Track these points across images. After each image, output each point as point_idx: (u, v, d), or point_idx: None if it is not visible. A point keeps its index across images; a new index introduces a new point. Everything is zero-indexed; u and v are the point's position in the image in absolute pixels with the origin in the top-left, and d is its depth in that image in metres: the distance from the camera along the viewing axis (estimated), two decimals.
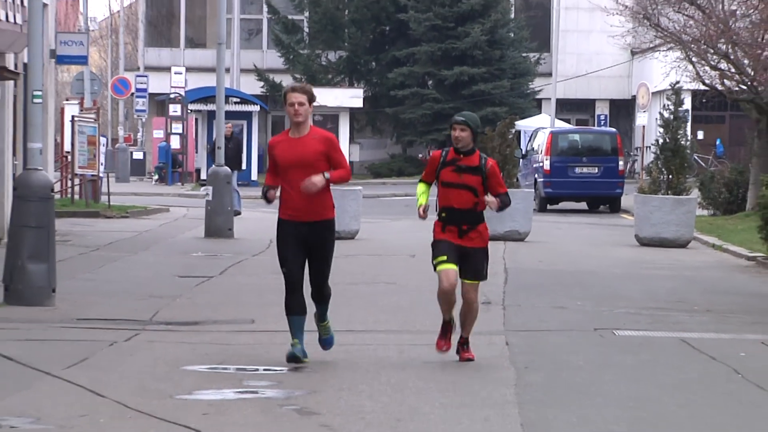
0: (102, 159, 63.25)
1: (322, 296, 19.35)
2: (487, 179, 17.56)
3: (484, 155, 18.00)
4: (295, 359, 19.00)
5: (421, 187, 18.55)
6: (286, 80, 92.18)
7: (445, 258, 17.72)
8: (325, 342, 20.04)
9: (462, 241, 17.83)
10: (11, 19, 37.74)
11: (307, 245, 18.58)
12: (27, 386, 18.38)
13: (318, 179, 17.50)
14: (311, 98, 17.64)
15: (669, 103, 54.29)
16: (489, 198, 17.86)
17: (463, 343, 17.79)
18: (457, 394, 17.91)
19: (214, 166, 53.03)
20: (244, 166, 65.02)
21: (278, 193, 19.03)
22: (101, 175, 63.37)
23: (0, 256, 29.09)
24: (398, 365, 20.80)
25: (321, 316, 19.79)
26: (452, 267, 17.82)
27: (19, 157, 40.51)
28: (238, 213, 52.43)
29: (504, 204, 18.48)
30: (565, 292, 31.15)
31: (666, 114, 53.24)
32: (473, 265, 17.93)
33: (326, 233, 18.71)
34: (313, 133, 18.10)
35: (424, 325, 24.07)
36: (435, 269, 18.53)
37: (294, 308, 19.24)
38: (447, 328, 18.49)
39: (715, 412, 17.78)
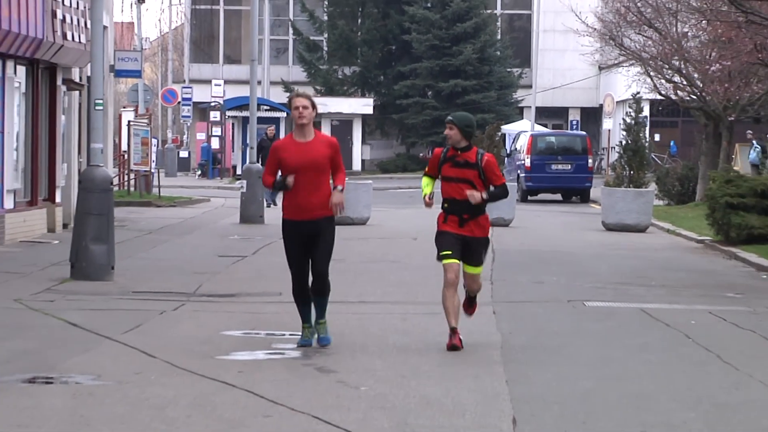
0: (153, 157, 63.71)
1: (321, 288, 18.02)
2: (484, 173, 16.95)
3: (482, 151, 17.44)
4: (305, 346, 18.22)
5: (425, 180, 17.85)
6: (309, 91, 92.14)
7: (449, 252, 17.08)
8: (323, 340, 18.50)
9: (463, 230, 17.06)
10: (76, 39, 37.65)
11: (310, 240, 17.68)
12: (90, 349, 18.39)
13: (340, 196, 17.20)
14: (313, 105, 17.13)
15: (631, 110, 54.50)
16: (470, 192, 17.15)
17: (469, 302, 17.52)
18: (451, 355, 17.93)
19: (247, 163, 53.06)
20: None
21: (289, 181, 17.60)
22: (152, 170, 63.60)
23: (67, 239, 29.31)
24: (402, 331, 20.82)
25: (320, 312, 18.29)
26: (456, 261, 17.20)
27: (83, 155, 40.45)
28: (275, 204, 52.23)
29: (497, 196, 17.77)
30: (543, 270, 31.13)
31: (628, 120, 53.50)
32: (474, 253, 17.18)
33: (327, 228, 17.71)
34: (319, 137, 17.33)
35: (424, 297, 24.09)
36: (439, 260, 17.61)
37: (303, 300, 18.30)
38: (454, 331, 17.45)
39: (669, 370, 17.82)
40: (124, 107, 71.37)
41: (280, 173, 17.51)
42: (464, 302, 17.62)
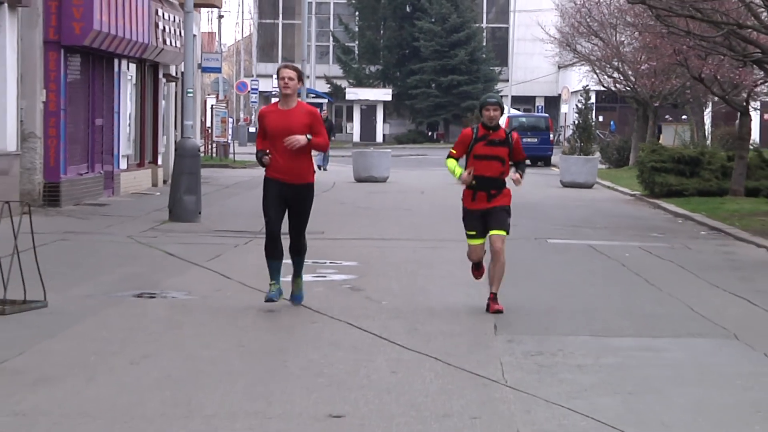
0: (229, 131, 63.59)
1: (298, 248, 15.30)
2: (513, 149, 14.68)
3: (507, 129, 15.06)
4: (271, 301, 15.01)
5: (452, 163, 14.92)
6: (344, 84, 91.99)
7: (474, 233, 14.79)
8: (295, 298, 15.33)
9: (490, 204, 14.66)
10: (173, 44, 37.64)
11: (288, 203, 14.85)
12: (182, 272, 18.37)
13: (301, 137, 14.32)
14: (300, 76, 14.69)
15: (581, 98, 54.51)
16: (515, 178, 14.97)
17: (493, 298, 14.53)
18: (449, 278, 17.88)
19: None
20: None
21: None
22: (229, 141, 63.59)
23: (166, 192, 29.45)
24: (413, 260, 20.76)
25: (297, 271, 15.33)
26: (481, 241, 14.92)
27: (178, 130, 40.45)
28: (324, 169, 52.03)
29: (524, 171, 15.52)
30: (515, 215, 30.89)
31: (579, 105, 53.88)
32: (498, 218, 14.70)
33: (306, 194, 14.94)
34: (301, 107, 14.79)
35: (429, 235, 24.05)
36: (467, 236, 15.16)
37: (272, 253, 15.33)
38: (478, 265, 15.30)
39: (609, 288, 17.79)
40: (208, 95, 71.25)
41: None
42: (489, 299, 14.70)
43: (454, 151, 14.99)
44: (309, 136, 14.45)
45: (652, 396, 10.62)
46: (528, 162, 15.75)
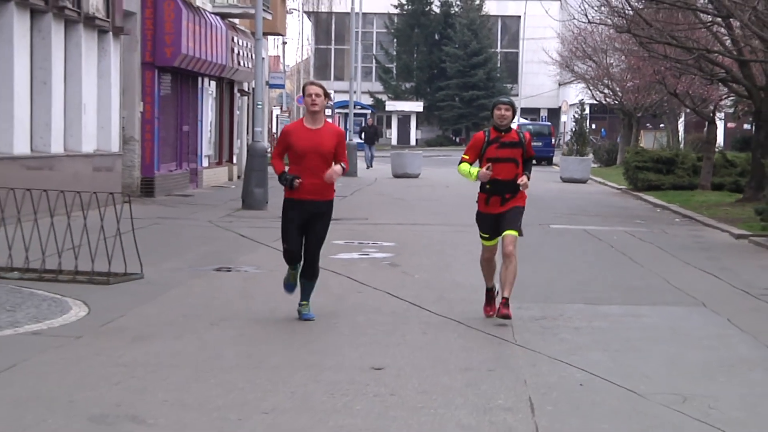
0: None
1: (312, 271, 12.27)
2: (526, 150, 12.13)
3: (519, 130, 12.46)
4: (288, 291, 12.55)
5: (465, 167, 12.38)
6: (384, 97, 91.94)
7: (488, 236, 12.33)
8: (305, 316, 12.19)
9: (504, 207, 12.03)
10: (246, 65, 37.64)
11: (307, 221, 11.98)
12: (253, 251, 18.37)
13: (338, 169, 11.68)
14: (326, 93, 12.08)
15: (578, 110, 54.35)
16: (523, 183, 12.04)
17: (505, 303, 11.99)
18: (470, 256, 17.75)
19: (348, 140, 52.59)
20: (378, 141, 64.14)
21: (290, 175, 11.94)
22: None
23: (240, 185, 29.42)
24: (440, 242, 20.72)
25: (305, 295, 12.32)
26: (494, 242, 12.39)
27: (249, 135, 40.48)
28: (371, 166, 51.91)
29: (530, 170, 12.54)
30: (533, 208, 30.95)
31: (576, 116, 53.48)
32: (511, 218, 12.05)
33: (326, 210, 12.06)
34: (328, 127, 12.07)
35: (454, 221, 23.94)
36: (480, 238, 12.62)
37: (293, 264, 12.41)
38: (490, 295, 12.55)
39: (600, 267, 17.71)
40: (274, 106, 71.26)
41: (287, 158, 12.02)
42: (500, 303, 11.91)
43: (466, 156, 12.33)
44: (343, 164, 11.79)
45: (635, 353, 10.62)
46: (534, 162, 15.68)
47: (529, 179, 12.07)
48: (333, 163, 11.67)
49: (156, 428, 7.43)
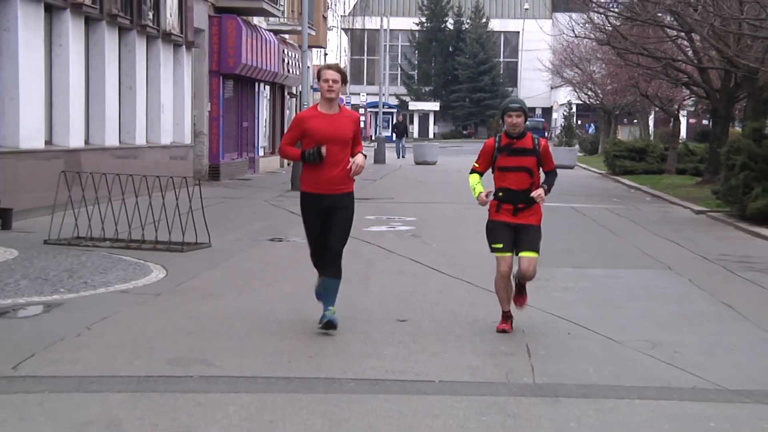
0: None
1: (335, 269, 9.11)
2: (542, 158, 9.43)
3: (536, 136, 9.60)
4: (331, 326, 8.92)
5: (474, 179, 9.67)
6: (408, 99, 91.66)
7: (501, 246, 9.40)
8: (330, 322, 8.97)
9: (517, 219, 9.35)
10: (294, 72, 37.59)
11: (327, 215, 9.21)
12: (300, 225, 18.16)
13: (362, 159, 9.18)
14: (344, 78, 9.39)
15: (566, 109, 54.06)
16: (537, 195, 9.23)
17: (520, 289, 9.54)
18: (477, 229, 17.66)
19: (378, 133, 52.52)
20: (407, 136, 64.01)
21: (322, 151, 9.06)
22: None
23: (290, 171, 29.10)
24: (452, 217, 20.63)
25: (330, 299, 9.09)
26: (509, 254, 9.40)
27: None
28: (403, 156, 51.65)
29: (553, 183, 9.59)
30: None
31: (565, 113, 53.35)
32: (529, 239, 9.27)
33: (346, 205, 9.23)
34: (344, 112, 9.40)
35: (464, 200, 23.76)
36: (492, 251, 9.56)
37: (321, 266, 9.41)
38: (507, 314, 9.54)
39: (584, 237, 17.64)
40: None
41: (300, 145, 9.20)
42: (515, 294, 9.51)
43: (476, 165, 9.44)
44: (365, 153, 9.31)
45: (613, 308, 10.58)
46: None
47: (548, 192, 9.11)
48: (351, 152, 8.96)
49: (221, 369, 7.45)
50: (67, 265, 12.16)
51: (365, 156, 9.03)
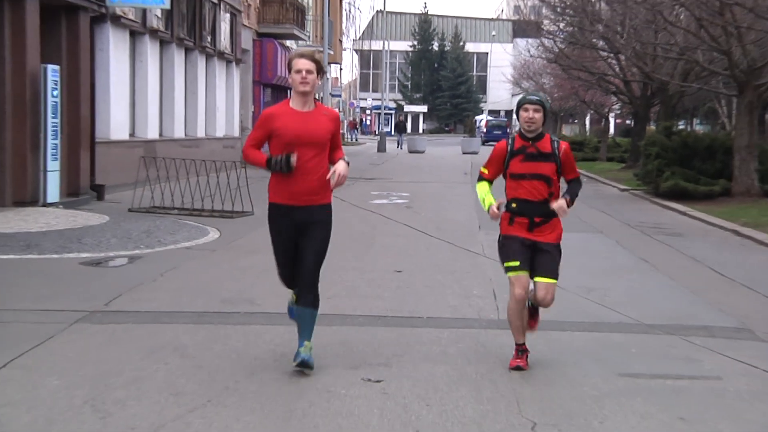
0: (344, 129, 62.94)
1: (311, 296, 5.43)
2: (562, 165, 5.73)
3: (555, 138, 5.80)
4: (305, 365, 5.36)
5: (483, 188, 6.05)
6: (403, 103, 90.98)
7: (517, 264, 5.73)
8: (303, 360, 5.31)
9: (533, 234, 5.82)
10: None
11: (300, 231, 5.56)
12: (337, 191, 18.26)
13: (344, 167, 5.51)
14: (320, 69, 5.48)
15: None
16: (558, 207, 5.70)
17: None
18: (458, 203, 17.61)
19: (381, 129, 52.22)
20: (406, 131, 63.83)
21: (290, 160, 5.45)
22: (342, 132, 62.94)
23: None
24: (437, 193, 20.44)
25: (306, 332, 5.40)
26: (525, 273, 5.75)
27: None
28: (401, 148, 50.46)
29: (577, 194, 5.91)
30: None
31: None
32: (548, 262, 5.76)
33: (322, 219, 5.61)
34: (321, 109, 5.55)
35: (446, 179, 23.67)
36: (505, 272, 5.84)
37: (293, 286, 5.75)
38: (522, 347, 5.81)
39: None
40: (335, 109, 71.11)
41: (268, 148, 5.55)
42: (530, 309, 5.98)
43: (485, 171, 6.11)
44: (347, 159, 5.70)
45: (564, 260, 10.53)
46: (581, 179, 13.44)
47: (571, 204, 5.81)
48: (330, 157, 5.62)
49: (261, 307, 7.44)
50: (146, 227, 12.15)
51: (348, 163, 5.59)
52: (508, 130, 67.68)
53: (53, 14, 14.85)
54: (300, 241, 5.53)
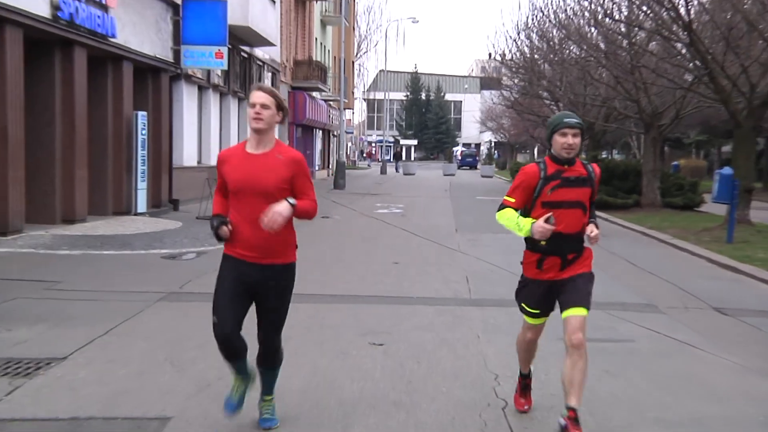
0: (355, 156, 62.02)
1: (272, 358, 3.20)
2: (594, 188, 3.22)
3: (585, 160, 3.71)
4: (231, 412, 3.23)
5: (510, 213, 3.35)
6: (400, 138, 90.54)
7: (538, 312, 3.52)
8: (265, 422, 3.21)
9: (564, 273, 3.20)
10: (335, 122, 37.32)
11: (256, 293, 3.02)
12: (338, 208, 17.88)
13: (283, 208, 2.82)
14: (280, 105, 2.92)
15: (489, 144, 53.20)
16: (594, 235, 3.16)
17: (574, 419, 2.80)
18: (442, 213, 17.44)
19: (383, 158, 51.83)
20: (401, 160, 63.45)
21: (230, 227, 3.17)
22: (354, 160, 62.03)
23: (332, 178, 28.71)
24: (425, 205, 20.03)
25: (267, 387, 3.29)
26: (543, 320, 3.58)
27: (336, 155, 40.08)
28: (398, 171, 48.89)
29: (595, 218, 3.47)
30: (464, 188, 30.49)
31: (488, 147, 52.48)
32: (579, 288, 3.04)
33: (284, 279, 3.08)
34: (279, 150, 2.87)
35: (435, 195, 23.48)
36: (521, 310, 3.64)
37: (229, 353, 3.10)
38: (526, 383, 3.64)
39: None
40: (347, 141, 70.66)
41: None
42: (568, 417, 2.97)
43: (510, 199, 3.55)
44: (292, 201, 3.07)
45: (514, 255, 10.37)
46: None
47: (598, 229, 3.52)
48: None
49: (294, 289, 7.42)
50: (209, 230, 12.04)
51: (293, 206, 3.24)
52: (477, 158, 67.46)
53: (142, 74, 15.11)
54: (257, 303, 3.34)
